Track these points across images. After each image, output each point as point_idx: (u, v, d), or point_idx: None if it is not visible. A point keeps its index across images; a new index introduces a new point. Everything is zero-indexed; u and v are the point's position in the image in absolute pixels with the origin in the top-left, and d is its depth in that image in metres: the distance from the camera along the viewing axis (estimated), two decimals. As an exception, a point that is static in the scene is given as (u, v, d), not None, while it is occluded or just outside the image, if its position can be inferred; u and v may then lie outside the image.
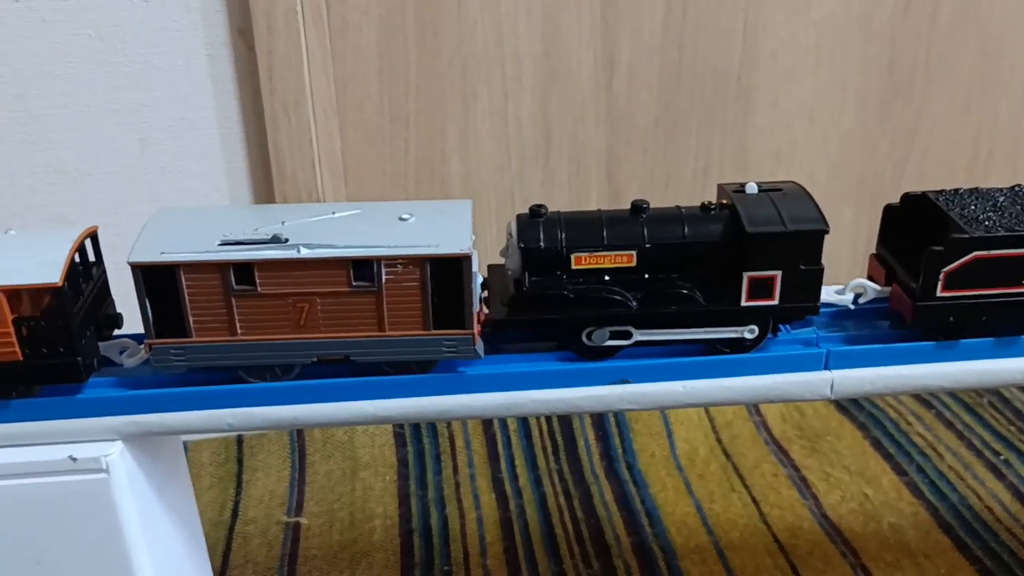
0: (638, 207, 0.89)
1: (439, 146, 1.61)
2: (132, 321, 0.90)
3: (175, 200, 1.47)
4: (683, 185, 1.73)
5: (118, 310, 0.94)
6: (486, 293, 0.92)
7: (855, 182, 1.77)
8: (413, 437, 1.62)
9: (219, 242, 0.82)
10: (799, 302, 0.89)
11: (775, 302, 0.88)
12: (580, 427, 1.63)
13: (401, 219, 0.86)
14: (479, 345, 0.87)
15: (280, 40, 1.41)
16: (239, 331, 0.85)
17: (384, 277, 0.83)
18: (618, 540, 1.39)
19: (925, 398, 1.69)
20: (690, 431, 1.63)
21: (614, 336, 0.89)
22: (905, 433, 1.60)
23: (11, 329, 0.81)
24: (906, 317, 0.91)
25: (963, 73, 1.71)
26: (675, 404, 0.90)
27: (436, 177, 1.63)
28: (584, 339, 0.89)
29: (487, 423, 1.64)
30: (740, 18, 1.60)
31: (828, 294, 0.96)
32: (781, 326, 0.94)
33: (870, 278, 0.99)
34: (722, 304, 0.88)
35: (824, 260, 0.93)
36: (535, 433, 1.63)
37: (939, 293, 0.88)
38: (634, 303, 0.88)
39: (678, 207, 0.91)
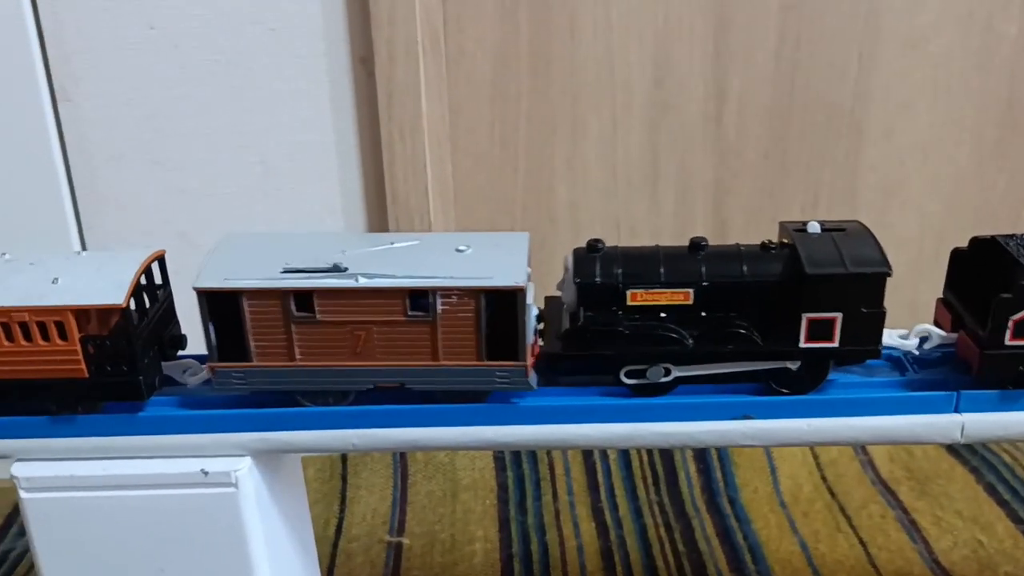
0: (696, 244, 0.88)
1: (547, 173, 1.63)
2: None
3: (292, 221, 1.51)
4: (790, 219, 1.71)
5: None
6: (543, 325, 0.92)
7: (969, 220, 1.73)
8: (513, 463, 1.63)
9: (281, 270, 0.84)
10: (860, 345, 0.86)
11: (835, 344, 0.86)
12: (681, 459, 1.62)
13: (458, 250, 0.86)
14: (532, 377, 0.87)
15: (399, 68, 1.44)
16: (298, 356, 0.86)
17: (439, 308, 0.83)
18: (720, 576, 1.37)
19: (1043, 444, 1.64)
20: (794, 467, 1.60)
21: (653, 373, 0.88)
22: (1021, 479, 1.55)
23: (78, 347, 0.84)
24: (973, 365, 0.88)
25: (1086, 110, 1.66)
26: (798, 442, 0.89)
27: (543, 204, 1.65)
28: (623, 377, 0.88)
29: (587, 452, 1.64)
30: (854, 51, 1.58)
31: (892, 338, 0.92)
32: (908, 365, 0.93)
33: (936, 323, 0.95)
34: (780, 344, 0.87)
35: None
36: (635, 463, 1.62)
37: (1008, 341, 0.85)
38: (690, 341, 0.86)
39: (738, 245, 0.89)
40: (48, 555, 0.91)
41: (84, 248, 1.50)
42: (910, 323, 0.95)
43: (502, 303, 0.83)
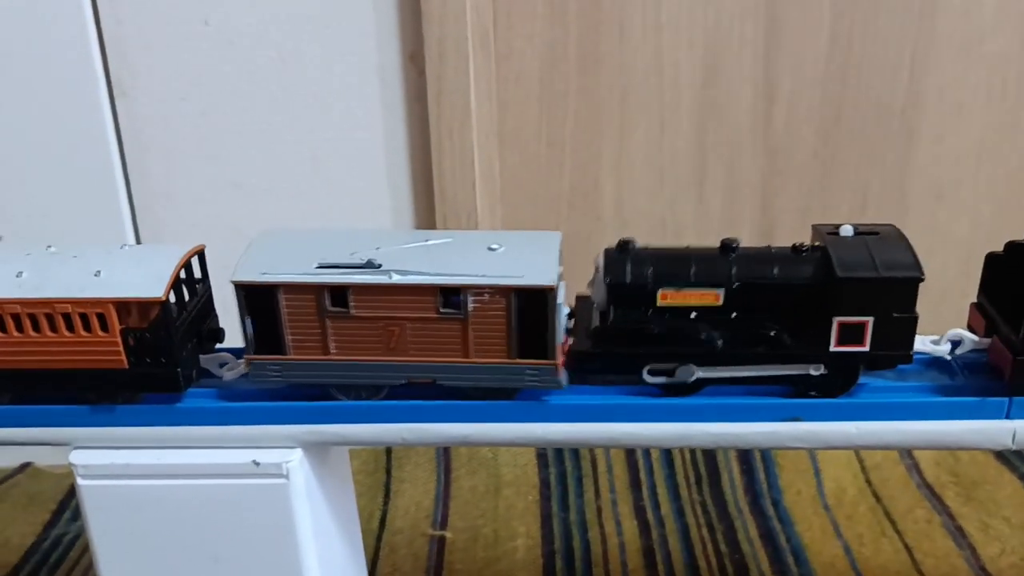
0: (727, 245, 0.88)
1: (593, 172, 1.63)
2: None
3: (342, 217, 1.53)
4: (838, 221, 1.69)
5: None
6: (573, 323, 0.93)
7: (1022, 224, 1.70)
8: (555, 459, 1.63)
9: (317, 265, 0.85)
10: (891, 350, 0.86)
11: (866, 349, 0.85)
12: (724, 460, 1.61)
13: (490, 249, 0.87)
14: (563, 375, 0.88)
15: (449, 66, 1.45)
16: (332, 351, 0.87)
17: (471, 305, 0.84)
18: (763, 577, 1.37)
19: (1094, 452, 1.61)
20: (838, 470, 1.59)
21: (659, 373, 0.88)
22: (1072, 488, 1.53)
23: (118, 338, 0.86)
24: (1005, 371, 0.87)
25: None
26: (846, 445, 0.89)
27: (588, 203, 1.65)
28: (645, 375, 0.88)
29: (629, 450, 1.65)
30: (907, 52, 1.57)
31: (923, 343, 0.92)
32: (959, 370, 0.92)
33: (970, 328, 0.94)
34: (810, 348, 0.86)
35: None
36: (678, 463, 1.62)
37: None
38: (720, 342, 0.87)
39: (769, 247, 0.89)
40: (103, 541, 0.94)
41: (138, 241, 1.53)
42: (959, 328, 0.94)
43: (532, 302, 0.84)
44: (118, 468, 0.91)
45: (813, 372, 0.87)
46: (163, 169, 1.51)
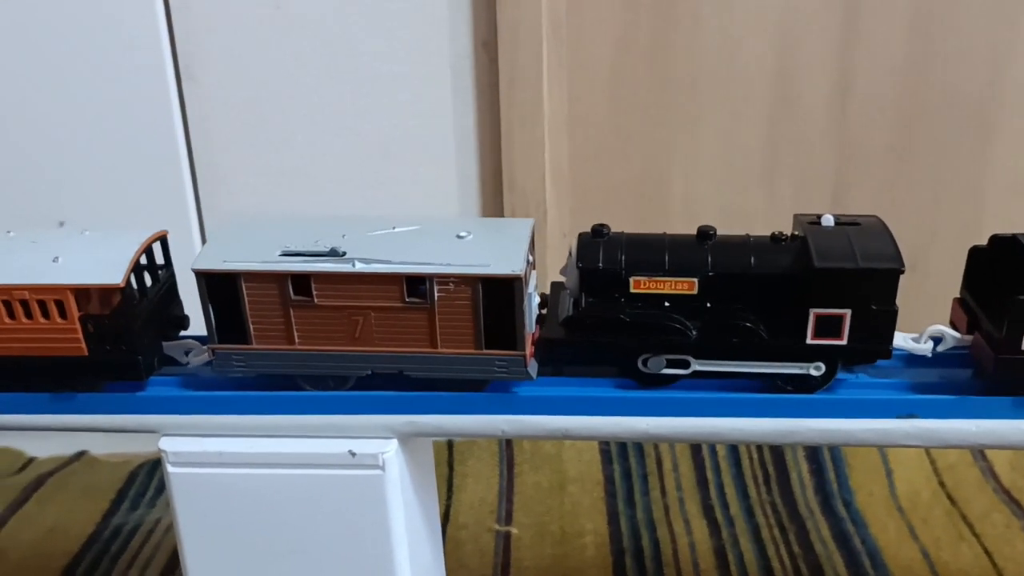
0: (704, 233, 0.85)
1: (662, 163, 1.60)
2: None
3: (409, 206, 1.50)
4: (912, 215, 1.66)
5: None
6: (545, 310, 0.91)
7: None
8: (620, 456, 1.60)
9: (280, 252, 0.84)
10: (869, 344, 0.83)
11: (843, 342, 0.83)
12: (793, 459, 1.58)
13: (459, 236, 0.85)
14: (532, 366, 0.86)
15: (522, 53, 1.43)
16: (296, 340, 0.86)
17: (436, 294, 0.82)
18: (839, 580, 1.34)
19: None
20: (910, 471, 1.55)
21: (671, 365, 0.86)
22: None
23: (77, 325, 0.85)
24: (987, 369, 0.84)
25: None
26: (963, 444, 0.85)
27: (656, 194, 1.62)
28: (640, 365, 0.86)
29: (695, 447, 1.62)
30: (988, 44, 1.53)
31: (904, 340, 0.89)
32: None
33: (952, 324, 0.91)
34: (786, 340, 0.84)
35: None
36: (745, 461, 1.59)
37: None
38: (694, 332, 0.84)
39: (747, 235, 0.86)
40: (191, 530, 0.92)
41: (202, 228, 1.51)
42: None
43: (500, 291, 0.82)
44: (210, 456, 0.89)
45: (814, 372, 0.85)
46: (229, 155, 1.49)
